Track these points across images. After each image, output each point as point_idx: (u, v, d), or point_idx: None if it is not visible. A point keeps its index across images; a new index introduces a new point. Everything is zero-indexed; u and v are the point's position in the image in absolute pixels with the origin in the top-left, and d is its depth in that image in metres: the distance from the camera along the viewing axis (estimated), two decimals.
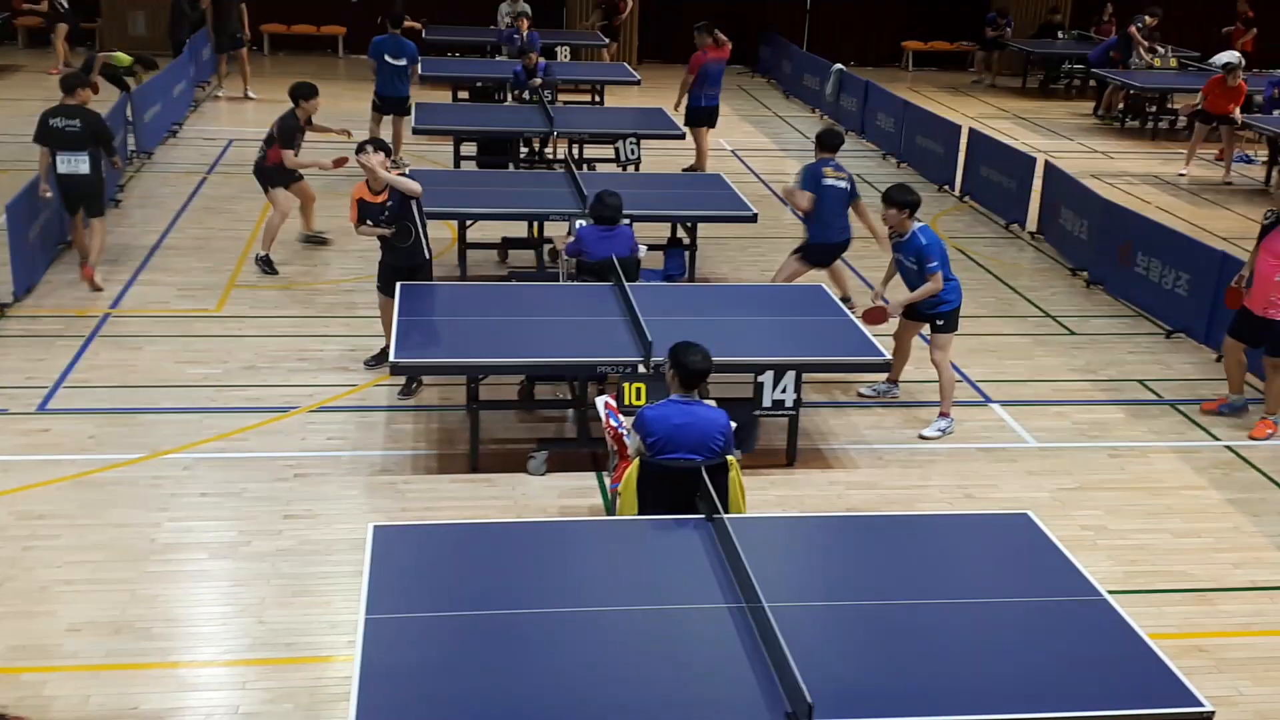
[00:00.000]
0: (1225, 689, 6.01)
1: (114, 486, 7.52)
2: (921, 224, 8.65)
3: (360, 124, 15.44)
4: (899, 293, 8.78)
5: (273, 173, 11.41)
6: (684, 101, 15.22)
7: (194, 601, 6.44)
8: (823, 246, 10.33)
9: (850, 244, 10.50)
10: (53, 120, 10.53)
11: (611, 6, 22.48)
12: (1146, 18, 20.94)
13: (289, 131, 11.26)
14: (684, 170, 15.04)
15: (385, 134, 14.27)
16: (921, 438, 8.59)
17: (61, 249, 11.47)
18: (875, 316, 8.64)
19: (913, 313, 8.81)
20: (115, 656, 5.93)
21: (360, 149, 8.77)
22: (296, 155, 11.36)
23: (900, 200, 8.49)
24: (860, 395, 9.21)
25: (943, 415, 8.70)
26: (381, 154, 8.77)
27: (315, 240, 12.21)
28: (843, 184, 10.22)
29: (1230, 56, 18.73)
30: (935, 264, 8.46)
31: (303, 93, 11.34)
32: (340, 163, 11.38)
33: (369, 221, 8.78)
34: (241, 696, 5.70)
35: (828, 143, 10.37)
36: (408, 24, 16.23)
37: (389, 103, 14.99)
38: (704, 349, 6.14)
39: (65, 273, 11.01)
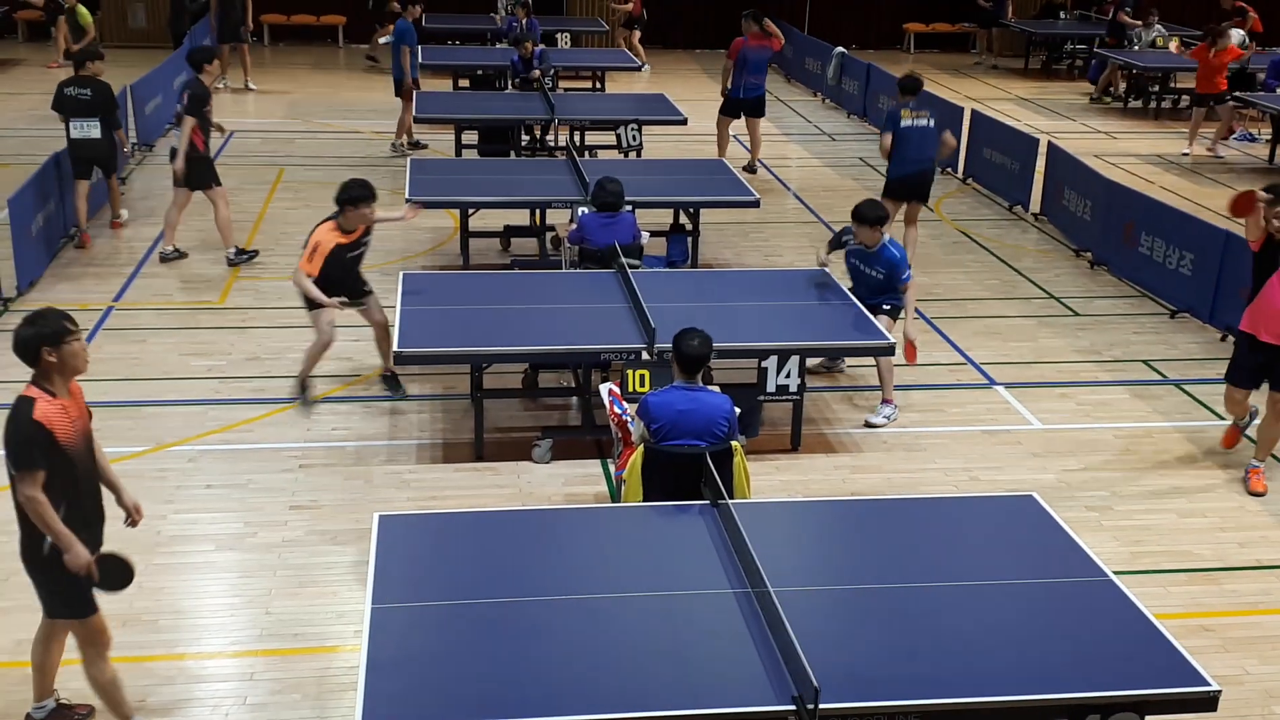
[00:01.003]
0: (1232, 668, 6.01)
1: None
2: (890, 237, 8.78)
3: (366, 113, 15.47)
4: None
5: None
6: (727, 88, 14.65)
7: (201, 593, 6.45)
8: (897, 180, 11.43)
9: (927, 176, 11.47)
10: (67, 89, 11.50)
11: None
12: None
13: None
14: (744, 169, 14.32)
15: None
16: (869, 424, 8.54)
17: (64, 243, 11.48)
18: (910, 356, 8.62)
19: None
20: (123, 649, 5.92)
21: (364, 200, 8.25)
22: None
23: (875, 217, 8.66)
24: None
25: (886, 402, 8.64)
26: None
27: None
28: (923, 122, 11.34)
29: (1236, 34, 18.64)
30: (908, 274, 8.60)
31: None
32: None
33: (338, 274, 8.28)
34: (249, 687, 5.71)
35: (906, 86, 11.49)
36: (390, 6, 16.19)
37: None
38: (703, 333, 6.14)
39: (68, 266, 11.02)
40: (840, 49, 19.51)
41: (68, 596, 5.08)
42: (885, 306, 8.72)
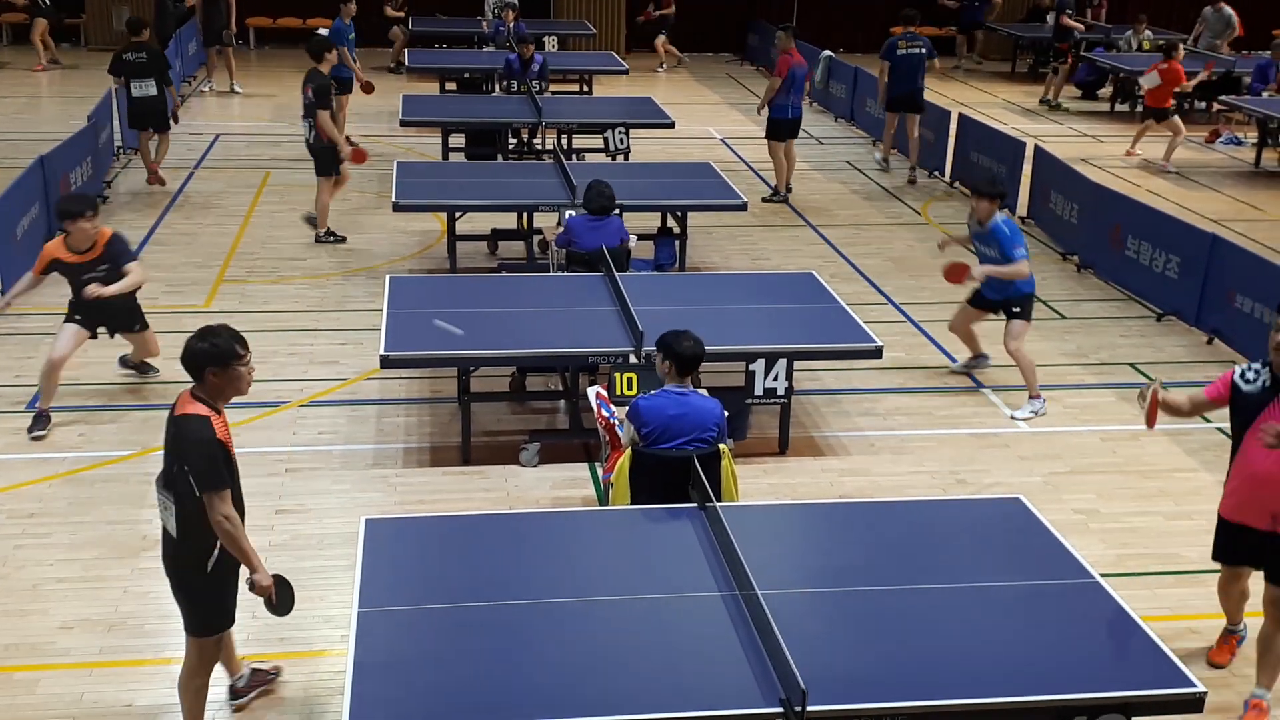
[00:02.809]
0: (1219, 671, 6.02)
1: (105, 483, 7.50)
2: (1004, 217, 8.80)
3: (351, 116, 15.44)
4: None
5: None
6: (766, 109, 14.04)
7: None
8: (897, 99, 14.84)
9: (919, 94, 14.91)
10: (125, 55, 13.44)
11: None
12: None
13: None
14: (764, 200, 14.06)
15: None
16: (1012, 419, 8.74)
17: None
18: (956, 274, 8.68)
19: (982, 302, 8.97)
20: (108, 654, 5.92)
21: (79, 214, 7.83)
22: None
23: (992, 193, 8.75)
24: (951, 372, 9.46)
25: (1034, 398, 8.82)
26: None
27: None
28: (917, 49, 14.56)
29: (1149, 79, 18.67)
30: (1023, 251, 8.62)
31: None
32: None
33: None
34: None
35: (906, 16, 15.11)
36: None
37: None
38: (694, 335, 6.14)
39: None
40: (828, 52, 19.54)
41: (216, 615, 5.12)
42: (1015, 309, 8.73)
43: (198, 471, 4.78)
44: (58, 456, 7.78)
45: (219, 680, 5.49)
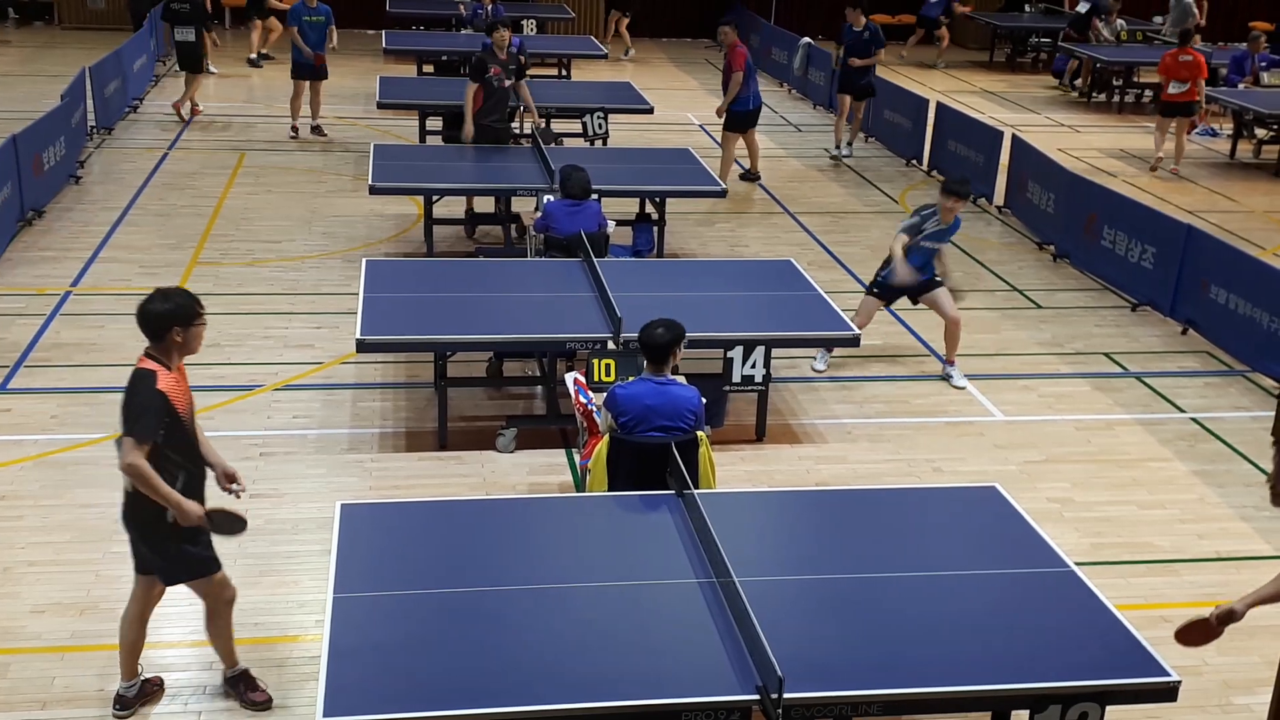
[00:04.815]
0: (1191, 658, 6.03)
1: (77, 466, 7.43)
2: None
3: (329, 98, 15.32)
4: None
5: None
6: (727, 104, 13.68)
7: None
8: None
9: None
10: (173, 4, 15.68)
11: None
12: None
13: None
14: (742, 176, 14.26)
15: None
16: (953, 384, 9.07)
17: (21, 226, 11.32)
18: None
19: (922, 286, 9.11)
20: (80, 638, 5.87)
21: None
22: None
23: (966, 194, 8.98)
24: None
25: (951, 363, 9.18)
26: None
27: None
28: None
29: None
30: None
31: None
32: None
33: None
34: (209, 677, 5.64)
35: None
36: None
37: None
38: (667, 321, 6.11)
39: (25, 250, 10.87)
40: (806, 39, 19.51)
41: (189, 560, 5.17)
42: (938, 280, 9.08)
43: (126, 416, 4.86)
44: (29, 439, 7.71)
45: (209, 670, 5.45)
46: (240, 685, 5.50)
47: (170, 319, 4.91)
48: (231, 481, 5.31)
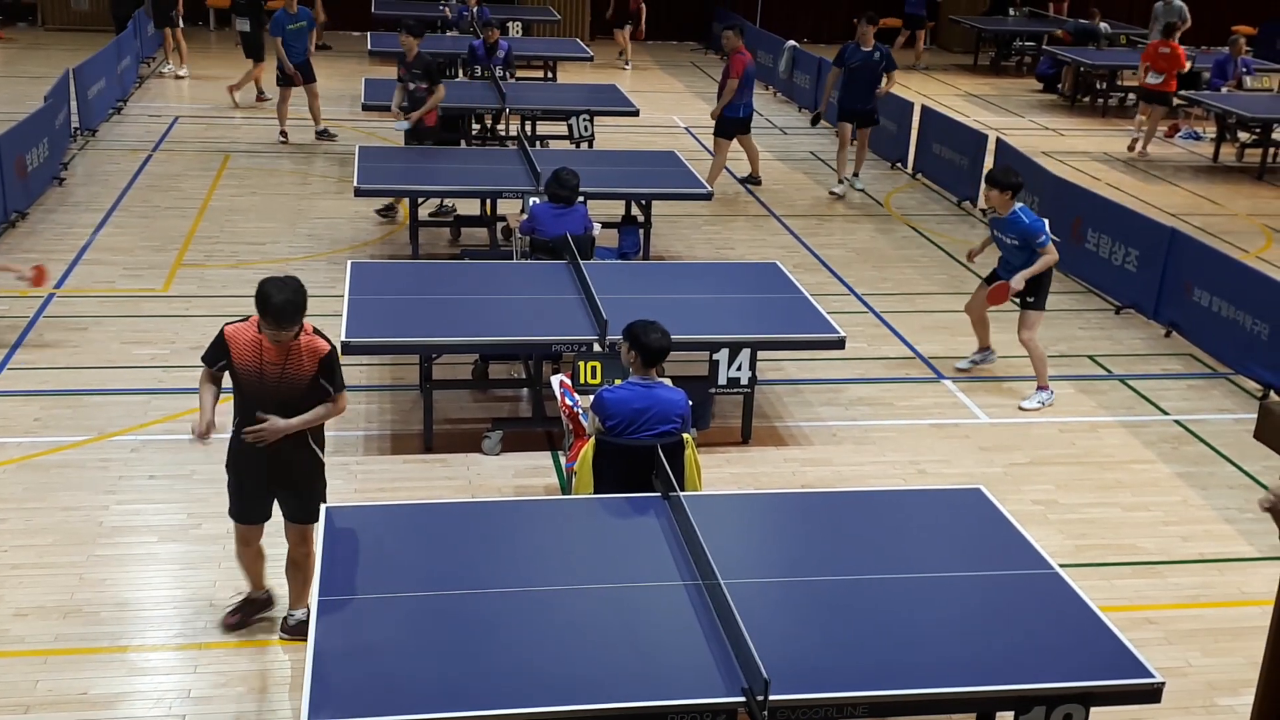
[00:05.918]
0: (1175, 660, 6.09)
1: (61, 469, 7.40)
2: (1021, 204, 8.79)
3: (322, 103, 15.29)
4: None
5: None
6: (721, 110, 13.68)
7: (143, 585, 6.35)
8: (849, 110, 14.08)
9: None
10: None
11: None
12: None
13: None
14: (743, 180, 14.37)
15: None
16: (1021, 409, 8.81)
17: (4, 228, 11.27)
18: (999, 295, 8.68)
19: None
20: (64, 641, 5.84)
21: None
22: None
23: (1005, 183, 8.70)
24: (957, 370, 9.39)
25: (1041, 388, 8.91)
26: None
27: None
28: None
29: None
30: (1045, 239, 8.62)
31: None
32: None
33: None
34: (193, 680, 5.63)
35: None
36: None
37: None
38: (662, 326, 6.13)
39: (8, 252, 10.81)
40: (792, 43, 19.56)
41: (231, 498, 5.88)
42: (1030, 299, 8.80)
43: None
44: (13, 441, 7.67)
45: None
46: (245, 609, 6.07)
47: (257, 302, 5.38)
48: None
